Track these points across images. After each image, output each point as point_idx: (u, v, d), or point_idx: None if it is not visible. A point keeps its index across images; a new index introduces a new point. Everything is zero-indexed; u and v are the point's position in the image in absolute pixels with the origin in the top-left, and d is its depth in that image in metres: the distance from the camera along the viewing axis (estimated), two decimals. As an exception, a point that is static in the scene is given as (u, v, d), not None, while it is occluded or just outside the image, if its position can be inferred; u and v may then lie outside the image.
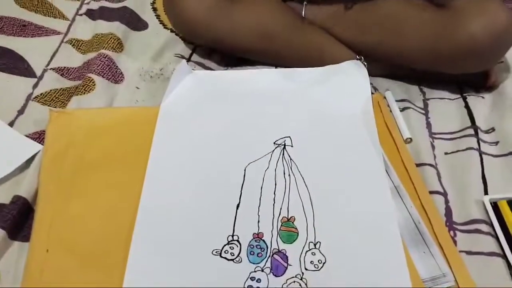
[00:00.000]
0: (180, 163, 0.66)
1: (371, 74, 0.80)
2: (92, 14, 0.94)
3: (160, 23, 0.94)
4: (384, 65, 0.83)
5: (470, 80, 0.83)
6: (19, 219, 0.61)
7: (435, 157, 0.71)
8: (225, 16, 0.80)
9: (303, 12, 0.85)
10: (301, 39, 0.83)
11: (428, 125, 0.76)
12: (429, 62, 0.78)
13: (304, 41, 0.83)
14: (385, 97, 0.80)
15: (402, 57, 0.79)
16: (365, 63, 0.80)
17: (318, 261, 0.57)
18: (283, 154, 0.68)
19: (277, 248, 0.58)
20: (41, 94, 0.78)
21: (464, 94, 0.82)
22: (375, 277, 0.56)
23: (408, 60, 0.79)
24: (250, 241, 0.58)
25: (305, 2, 0.86)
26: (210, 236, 0.59)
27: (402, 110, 0.78)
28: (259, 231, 0.59)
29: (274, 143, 0.69)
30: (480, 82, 0.82)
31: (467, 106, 0.80)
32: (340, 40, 0.83)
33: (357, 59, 0.81)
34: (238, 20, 0.80)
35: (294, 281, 0.56)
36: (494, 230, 0.62)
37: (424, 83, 0.84)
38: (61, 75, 0.82)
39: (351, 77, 0.78)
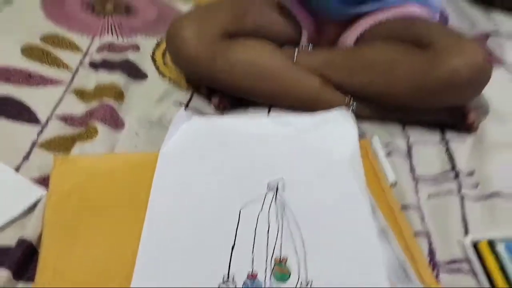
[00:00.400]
0: (178, 206, 0.69)
1: (358, 115, 0.85)
2: (94, 65, 0.98)
3: (160, 74, 0.99)
4: (372, 105, 0.88)
5: (451, 121, 0.89)
6: (23, 260, 0.62)
7: (419, 199, 0.75)
8: (222, 54, 0.84)
9: (294, 59, 0.90)
10: (296, 81, 0.88)
11: (412, 169, 0.81)
12: (416, 98, 0.84)
13: (299, 83, 0.88)
14: (371, 142, 0.84)
15: (390, 95, 0.85)
16: (355, 103, 0.86)
17: (310, 299, 0.60)
18: (276, 197, 0.71)
19: (271, 287, 0.61)
20: (45, 141, 0.81)
21: (446, 138, 0.87)
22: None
23: (396, 98, 0.85)
24: (245, 281, 0.61)
25: (297, 49, 0.91)
26: (207, 276, 0.61)
27: (388, 154, 0.82)
28: (254, 270, 0.62)
29: (267, 186, 0.73)
30: (459, 121, 0.88)
31: (448, 150, 0.85)
32: (330, 82, 0.88)
33: (347, 101, 0.87)
34: (235, 59, 0.85)
35: (287, 320, 0.58)
36: (474, 270, 0.65)
37: (408, 126, 0.89)
38: (65, 122, 0.85)
39: (340, 125, 0.83)
